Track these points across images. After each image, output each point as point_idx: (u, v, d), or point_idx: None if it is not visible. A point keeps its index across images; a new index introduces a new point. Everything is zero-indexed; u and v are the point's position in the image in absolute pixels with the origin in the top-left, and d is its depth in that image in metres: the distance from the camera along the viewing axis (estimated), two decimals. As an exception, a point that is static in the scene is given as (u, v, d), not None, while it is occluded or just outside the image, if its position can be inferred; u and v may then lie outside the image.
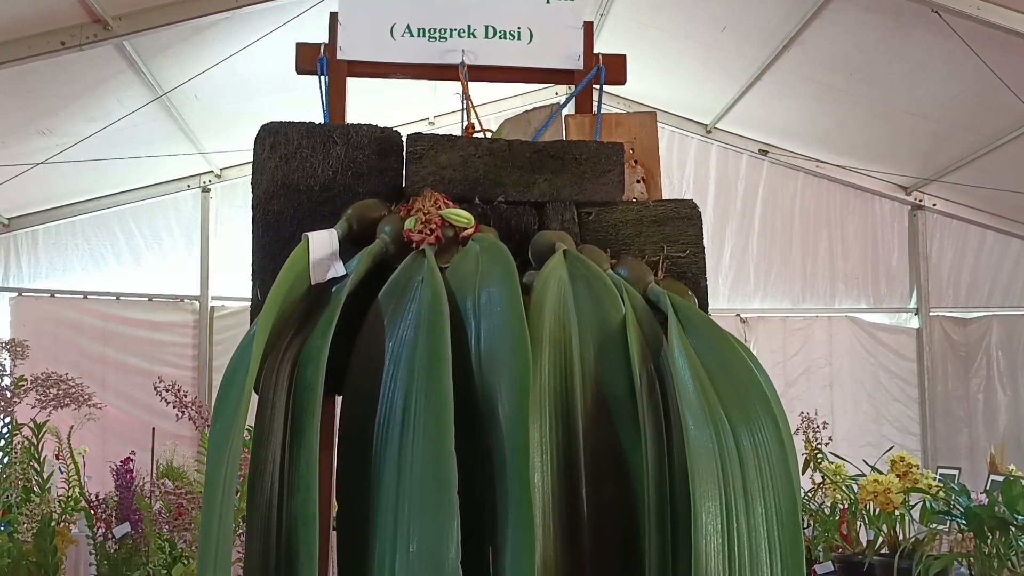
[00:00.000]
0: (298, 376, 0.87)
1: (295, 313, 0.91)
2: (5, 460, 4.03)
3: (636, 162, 1.58)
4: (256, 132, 1.41)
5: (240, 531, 1.76)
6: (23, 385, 3.97)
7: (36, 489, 4.68)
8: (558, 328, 0.90)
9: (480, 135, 1.57)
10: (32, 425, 4.36)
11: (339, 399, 0.97)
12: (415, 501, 0.79)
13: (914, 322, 9.68)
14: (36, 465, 4.63)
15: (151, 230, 8.59)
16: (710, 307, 1.30)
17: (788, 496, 0.89)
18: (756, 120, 8.01)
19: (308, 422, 0.83)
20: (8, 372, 3.98)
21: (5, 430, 3.97)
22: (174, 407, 3.71)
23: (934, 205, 9.20)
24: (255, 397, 0.89)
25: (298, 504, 0.82)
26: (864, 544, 4.70)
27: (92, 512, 5.37)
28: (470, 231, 1.12)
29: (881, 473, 4.12)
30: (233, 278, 8.54)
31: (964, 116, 6.83)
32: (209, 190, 8.48)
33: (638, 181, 1.52)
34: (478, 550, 0.82)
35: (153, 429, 6.69)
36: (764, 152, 8.63)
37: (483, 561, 0.82)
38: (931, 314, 9.59)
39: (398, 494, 0.80)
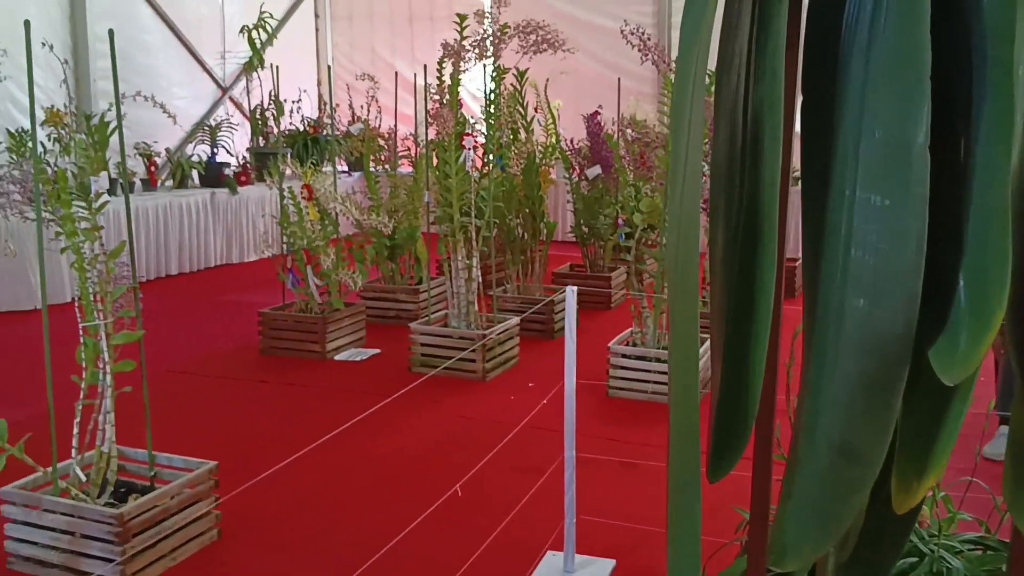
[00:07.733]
0: (765, -35, 0.87)
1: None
2: (496, 103, 4.55)
3: None
4: None
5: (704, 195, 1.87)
6: (507, 32, 4.35)
7: (522, 131, 5.26)
8: None
9: None
10: (516, 71, 4.81)
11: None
12: (884, 86, 0.78)
13: None
14: (521, 108, 5.17)
15: None
16: None
17: None
18: None
19: (776, 8, 0.84)
20: (493, 19, 4.38)
21: (494, 73, 4.45)
22: (638, 50, 3.86)
23: None
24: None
25: (764, 90, 0.85)
26: None
27: (569, 156, 5.97)
28: None
29: None
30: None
31: None
32: None
33: None
34: (949, 139, 0.81)
35: (619, 80, 7.02)
36: None
37: (954, 149, 0.81)
38: None
39: (865, 79, 0.80)
